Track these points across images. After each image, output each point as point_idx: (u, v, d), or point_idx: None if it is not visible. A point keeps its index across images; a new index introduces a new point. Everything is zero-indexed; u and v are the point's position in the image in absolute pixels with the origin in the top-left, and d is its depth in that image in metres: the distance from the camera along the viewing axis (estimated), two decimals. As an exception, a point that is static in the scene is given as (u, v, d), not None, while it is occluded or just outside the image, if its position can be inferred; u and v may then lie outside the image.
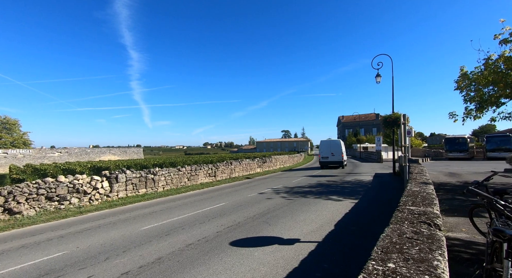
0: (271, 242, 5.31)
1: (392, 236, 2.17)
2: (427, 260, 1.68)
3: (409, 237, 2.15)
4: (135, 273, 4.15)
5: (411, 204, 3.39)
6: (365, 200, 9.33)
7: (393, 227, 2.43)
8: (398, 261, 1.68)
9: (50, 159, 36.89)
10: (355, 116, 64.57)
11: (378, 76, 17.09)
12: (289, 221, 6.81)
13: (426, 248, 1.89)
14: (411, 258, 1.72)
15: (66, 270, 4.33)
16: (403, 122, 7.74)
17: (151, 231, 6.39)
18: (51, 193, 8.92)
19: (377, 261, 1.70)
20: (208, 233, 6.09)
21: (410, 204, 3.41)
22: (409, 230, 2.32)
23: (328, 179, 15.93)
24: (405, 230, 2.33)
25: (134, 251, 5.08)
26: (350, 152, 57.60)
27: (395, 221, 2.65)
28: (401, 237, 2.14)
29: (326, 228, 6.19)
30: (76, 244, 5.63)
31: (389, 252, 1.84)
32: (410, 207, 3.21)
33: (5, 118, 43.19)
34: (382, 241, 2.06)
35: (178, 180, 13.99)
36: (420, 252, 1.82)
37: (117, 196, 10.89)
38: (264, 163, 23.62)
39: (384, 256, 1.77)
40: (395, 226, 2.45)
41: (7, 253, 5.21)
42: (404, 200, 3.70)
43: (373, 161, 33.89)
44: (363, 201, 9.25)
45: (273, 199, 9.91)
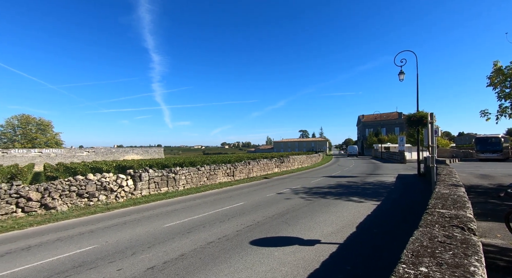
0: (291, 243, 5.29)
1: (423, 240, 2.08)
2: (462, 266, 1.60)
3: (441, 241, 2.05)
4: (160, 268, 4.31)
5: (441, 207, 3.23)
6: (388, 202, 9.00)
7: (423, 230, 2.34)
8: (431, 266, 1.61)
9: (79, 158, 39.20)
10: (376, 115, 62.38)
11: (401, 74, 16.39)
12: (308, 222, 6.74)
13: (461, 253, 1.80)
14: (444, 262, 1.64)
15: (98, 263, 4.60)
16: (430, 121, 7.37)
17: (174, 228, 6.59)
18: (82, 190, 9.47)
19: (407, 264, 1.64)
20: (228, 231, 6.17)
21: (440, 207, 3.25)
22: (441, 234, 2.22)
23: (348, 180, 15.54)
24: (436, 234, 2.23)
25: (158, 247, 5.28)
26: (370, 152, 55.83)
27: (424, 224, 2.54)
28: (432, 241, 2.05)
29: (347, 229, 6.05)
30: (105, 239, 5.95)
31: (420, 255, 1.77)
32: (440, 210, 3.06)
33: (40, 119, 46.51)
34: (412, 244, 1.99)
35: (197, 179, 14.31)
36: (454, 257, 1.74)
37: (140, 194, 11.34)
38: (281, 163, 23.51)
39: (415, 259, 1.71)
40: (425, 229, 2.35)
41: (45, 245, 5.62)
42: (433, 203, 3.53)
43: (396, 161, 32.56)
44: (386, 203, 8.93)
45: (292, 200, 9.85)
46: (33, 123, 45.63)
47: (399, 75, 16.47)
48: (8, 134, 43.75)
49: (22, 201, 8.16)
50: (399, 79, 16.57)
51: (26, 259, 4.89)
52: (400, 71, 16.34)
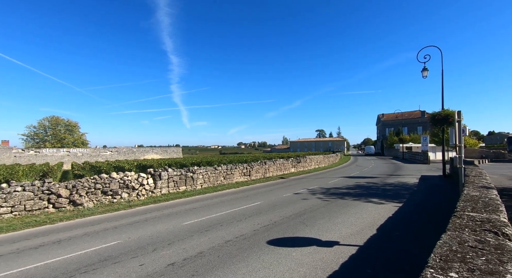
0: (309, 243, 5.22)
1: (451, 244, 1.97)
2: (497, 273, 1.50)
3: (472, 246, 1.94)
4: (179, 264, 4.42)
5: (470, 210, 3.04)
6: (411, 204, 8.63)
7: (452, 234, 2.21)
8: (462, 271, 1.52)
9: (103, 157, 41.13)
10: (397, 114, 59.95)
11: (424, 70, 15.63)
12: (326, 223, 6.62)
13: (495, 259, 1.68)
14: (477, 269, 1.55)
15: (121, 258, 4.80)
16: (457, 119, 6.97)
17: (192, 226, 6.73)
18: (106, 188, 9.93)
19: (436, 269, 1.57)
20: (246, 231, 6.21)
21: (470, 209, 3.06)
22: (472, 239, 2.09)
23: (367, 181, 15.09)
24: (467, 238, 2.10)
25: (178, 244, 5.41)
26: (391, 153, 53.88)
27: (453, 227, 2.40)
28: (462, 246, 1.94)
29: (367, 232, 5.88)
30: (128, 235, 6.19)
31: (449, 260, 1.68)
32: (470, 213, 2.89)
33: (68, 121, 49.37)
34: (439, 248, 1.89)
35: (214, 178, 14.52)
36: (487, 263, 1.63)
37: (160, 192, 11.70)
38: (298, 163, 23.28)
39: (443, 264, 1.62)
40: (453, 233, 2.23)
41: (74, 240, 5.95)
42: (462, 205, 3.33)
43: (419, 162, 31.16)
44: (409, 205, 8.57)
45: (309, 200, 9.72)
46: (62, 124, 48.53)
47: (423, 71, 15.73)
48: (40, 135, 46.83)
49: (53, 197, 8.69)
50: (422, 76, 15.82)
51: (57, 252, 5.21)
52: (424, 67, 15.60)
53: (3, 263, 4.72)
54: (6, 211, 7.85)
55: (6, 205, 7.87)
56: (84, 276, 4.12)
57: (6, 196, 7.87)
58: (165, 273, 4.11)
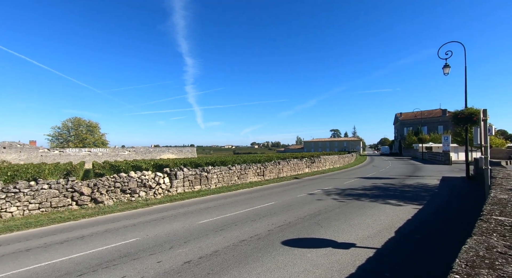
0: (324, 245, 5.15)
1: (478, 249, 1.88)
2: (530, 281, 1.41)
3: (502, 251, 1.83)
4: (195, 262, 4.50)
5: (498, 214, 2.88)
6: (432, 206, 8.29)
7: (478, 239, 2.10)
8: (490, 278, 1.45)
9: (121, 157, 42.62)
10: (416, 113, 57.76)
11: (446, 67, 14.95)
12: (342, 224, 6.50)
13: (527, 266, 1.58)
14: (507, 276, 1.46)
15: (140, 254, 4.95)
16: (483, 118, 6.60)
17: (207, 225, 6.83)
18: (125, 187, 10.28)
19: (461, 275, 1.50)
20: (260, 231, 6.21)
21: (498, 213, 2.90)
22: (500, 244, 1.98)
23: (384, 182, 14.65)
24: (495, 244, 1.99)
25: (193, 243, 5.51)
26: (409, 153, 52.01)
27: (479, 232, 2.28)
28: (490, 251, 1.84)
29: (385, 234, 5.71)
30: (146, 232, 6.38)
31: (476, 266, 1.60)
32: (498, 217, 2.73)
33: (89, 122, 51.56)
34: (465, 253, 1.80)
35: (228, 178, 14.64)
36: (519, 270, 1.54)
37: (176, 191, 11.95)
38: (312, 163, 23.00)
39: (470, 270, 1.55)
40: (480, 238, 2.12)
41: (95, 236, 6.21)
42: (489, 209, 3.16)
43: (440, 162, 29.87)
44: (429, 207, 8.24)
45: (324, 201, 9.58)
46: (83, 125, 50.74)
47: (444, 68, 15.05)
48: (64, 135, 49.22)
49: (76, 195, 9.11)
50: (443, 73, 15.14)
51: (80, 247, 5.46)
52: (445, 64, 14.93)
53: (32, 257, 5.01)
54: (34, 208, 8.32)
55: (34, 202, 8.34)
56: (106, 271, 4.29)
57: (34, 193, 8.34)
58: (182, 271, 4.20)
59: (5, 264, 4.72)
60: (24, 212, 8.16)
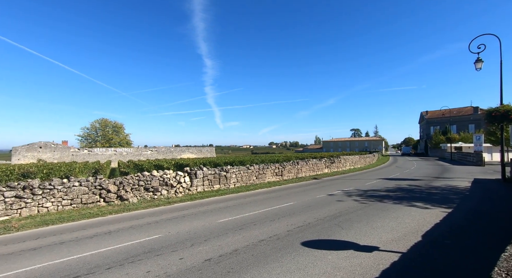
0: (345, 247, 5.02)
1: (518, 258, 1.73)
2: None
3: (546, 261, 1.68)
4: (216, 260, 4.58)
5: (541, 220, 2.64)
6: (463, 210, 7.79)
7: (518, 246, 1.94)
8: (534, 290, 1.33)
9: (144, 156, 44.33)
10: (443, 111, 54.48)
11: (478, 62, 13.93)
12: (364, 227, 6.30)
13: None
14: (554, 288, 1.34)
15: (163, 251, 5.13)
16: (520, 115, 6.09)
17: (227, 224, 6.92)
18: (148, 185, 10.69)
19: (500, 285, 1.39)
20: (279, 231, 6.19)
21: (540, 219, 2.66)
22: (545, 253, 1.81)
23: (409, 183, 14.00)
24: (538, 252, 1.83)
25: (213, 241, 5.61)
26: (437, 153, 49.28)
27: (519, 239, 2.11)
28: (532, 260, 1.69)
29: (411, 238, 5.45)
30: (168, 229, 6.59)
31: (516, 276, 1.48)
32: (540, 223, 2.50)
33: (115, 122, 54.25)
34: (505, 261, 1.67)
35: (247, 178, 14.73)
36: None
37: (196, 190, 12.23)
38: (332, 164, 22.50)
39: (509, 280, 1.43)
40: (520, 246, 1.96)
41: (121, 232, 6.52)
42: (529, 214, 2.90)
43: (471, 164, 28.00)
44: (460, 210, 7.75)
45: (345, 202, 9.33)
46: (110, 125, 53.48)
47: (476, 63, 14.04)
48: (92, 135, 52.19)
49: (104, 192, 9.62)
50: (475, 68, 14.13)
51: (108, 242, 5.76)
52: (477, 58, 13.93)
53: (66, 249, 5.36)
54: (67, 204, 8.90)
55: (67, 198, 8.91)
56: (131, 265, 4.49)
57: (66, 190, 8.92)
58: (202, 268, 4.29)
59: (42, 255, 5.09)
60: (58, 208, 8.75)
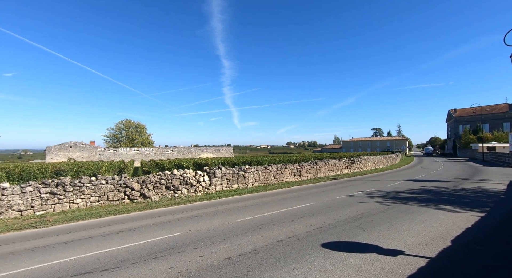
0: (368, 250, 4.86)
1: None
2: None
3: None
4: (235, 259, 4.62)
5: None
6: (498, 214, 7.25)
7: None
8: None
9: (165, 156, 45.78)
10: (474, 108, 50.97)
11: (514, 53, 12.90)
12: (388, 229, 6.06)
13: None
14: None
15: (184, 248, 5.26)
16: None
17: (245, 224, 6.96)
18: (169, 183, 11.02)
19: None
20: (298, 231, 6.12)
21: None
22: None
23: (436, 185, 13.27)
24: None
25: (233, 240, 5.66)
26: (466, 153, 46.31)
27: None
28: None
29: (439, 243, 5.17)
30: (188, 227, 6.75)
31: None
32: None
33: (137, 123, 56.55)
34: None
35: (265, 177, 14.72)
36: None
37: (214, 189, 12.42)
38: (352, 164, 21.89)
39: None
40: None
41: (145, 228, 6.78)
42: None
43: (506, 165, 26.02)
44: (494, 214, 7.22)
45: (366, 203, 9.04)
46: (133, 126, 55.84)
47: None
48: (117, 136, 54.78)
49: (128, 190, 10.05)
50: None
51: (132, 238, 6.01)
52: (512, 50, 12.89)
53: (94, 244, 5.67)
54: (95, 200, 9.41)
55: (95, 195, 9.42)
56: (155, 261, 4.65)
57: (94, 188, 9.43)
58: (222, 267, 4.34)
59: (74, 249, 5.42)
60: (87, 204, 9.27)
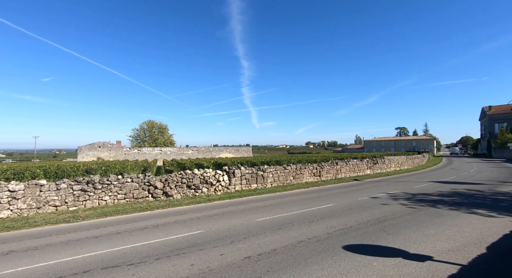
0: (392, 254, 4.66)
1: None
2: None
3: None
4: (255, 259, 4.63)
5: None
6: (540, 221, 6.64)
7: None
8: None
9: (186, 156, 47.07)
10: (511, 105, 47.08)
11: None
12: (414, 233, 5.77)
13: None
14: None
15: (204, 246, 5.37)
16: None
17: (265, 223, 6.96)
18: (190, 183, 11.31)
19: None
20: (318, 233, 6.01)
21: None
22: None
23: (468, 188, 12.42)
24: None
25: (252, 239, 5.69)
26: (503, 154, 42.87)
27: None
28: None
29: (472, 249, 4.83)
30: (209, 226, 6.88)
31: None
32: None
33: (160, 124, 58.69)
34: None
35: (284, 177, 14.62)
36: None
37: (234, 188, 12.55)
38: (374, 165, 21.11)
39: None
40: None
41: (167, 226, 7.01)
42: None
43: (549, 166, 23.72)
44: (536, 221, 6.62)
45: (390, 206, 8.68)
46: (156, 127, 58.01)
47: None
48: (141, 136, 57.21)
49: (151, 188, 10.45)
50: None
51: (156, 234, 6.24)
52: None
53: (121, 239, 5.96)
54: (121, 198, 9.89)
55: (121, 193, 9.91)
56: (177, 258, 4.79)
57: (121, 186, 9.92)
58: (242, 266, 4.38)
59: (103, 243, 5.74)
60: (114, 201, 9.77)
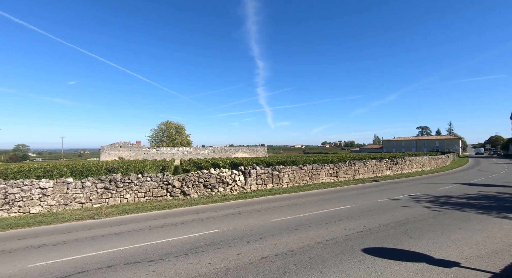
0: (415, 259, 4.47)
1: None
2: None
3: None
4: (272, 259, 4.61)
5: None
6: None
7: None
8: None
9: (202, 155, 47.89)
10: (547, 100, 43.69)
11: None
12: (439, 238, 5.50)
13: None
14: None
15: (221, 245, 5.42)
16: None
17: (281, 224, 6.92)
18: (206, 182, 11.49)
19: None
20: (336, 234, 5.89)
21: None
22: None
23: (497, 190, 11.67)
24: None
25: (268, 240, 5.67)
26: (537, 154, 39.83)
27: None
28: None
29: (505, 256, 4.53)
30: (225, 225, 6.95)
31: None
32: None
33: (177, 124, 60.16)
34: None
35: (300, 178, 14.47)
36: None
37: (249, 188, 12.59)
38: (394, 165, 20.38)
39: None
40: None
41: (185, 224, 7.16)
42: None
43: None
44: None
45: (412, 208, 8.33)
46: (173, 127, 59.55)
47: None
48: (159, 136, 58.94)
49: (170, 187, 10.73)
50: None
51: (174, 232, 6.39)
52: None
53: (142, 236, 6.15)
54: (141, 196, 10.23)
55: (141, 191, 10.25)
56: (195, 256, 4.88)
57: (141, 184, 10.26)
58: (259, 266, 4.37)
59: (125, 239, 5.96)
60: (135, 199, 10.12)
